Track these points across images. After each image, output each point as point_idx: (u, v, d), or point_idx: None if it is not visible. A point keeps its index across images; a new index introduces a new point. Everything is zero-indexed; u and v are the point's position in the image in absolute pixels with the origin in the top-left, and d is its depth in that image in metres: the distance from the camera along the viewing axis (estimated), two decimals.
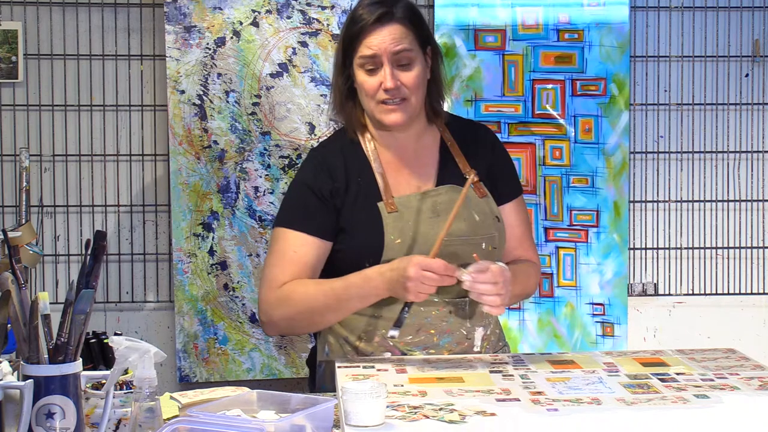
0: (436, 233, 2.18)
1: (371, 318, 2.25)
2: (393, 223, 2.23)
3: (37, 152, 3.52)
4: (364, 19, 2.22)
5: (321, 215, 2.26)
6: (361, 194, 2.26)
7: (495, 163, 2.38)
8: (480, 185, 2.31)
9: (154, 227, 3.59)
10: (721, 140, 3.75)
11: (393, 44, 2.20)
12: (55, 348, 1.62)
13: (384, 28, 2.20)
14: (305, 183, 2.29)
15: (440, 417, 1.74)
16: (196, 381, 3.51)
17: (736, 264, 3.77)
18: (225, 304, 3.52)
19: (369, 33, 2.21)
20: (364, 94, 2.25)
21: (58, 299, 3.41)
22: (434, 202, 2.26)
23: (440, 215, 2.24)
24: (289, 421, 1.63)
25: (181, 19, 3.45)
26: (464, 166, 2.32)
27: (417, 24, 2.26)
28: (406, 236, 2.22)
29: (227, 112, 3.49)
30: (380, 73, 2.21)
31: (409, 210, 2.25)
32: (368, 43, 2.21)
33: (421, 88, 2.27)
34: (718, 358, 2.18)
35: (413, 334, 2.24)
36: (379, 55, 2.20)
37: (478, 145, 2.37)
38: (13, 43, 3.47)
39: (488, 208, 2.30)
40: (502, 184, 2.38)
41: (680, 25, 3.71)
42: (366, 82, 2.23)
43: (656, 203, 3.74)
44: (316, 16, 3.51)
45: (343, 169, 2.28)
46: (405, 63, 2.22)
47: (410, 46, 2.22)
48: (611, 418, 1.76)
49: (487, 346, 2.32)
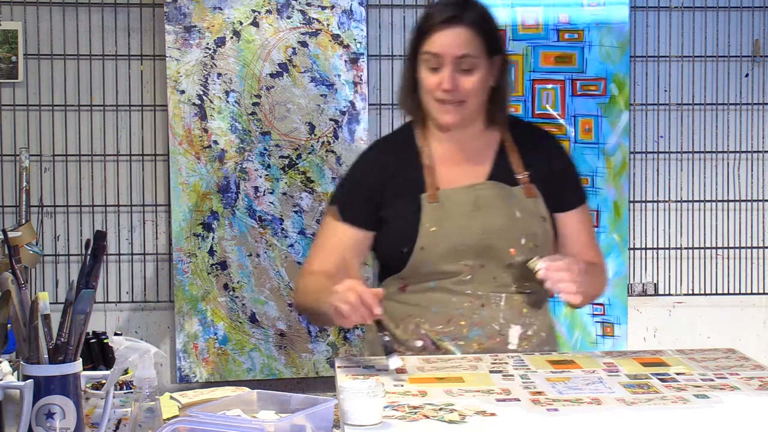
0: (472, 226, 2.24)
1: (406, 305, 2.31)
2: (431, 212, 2.27)
3: (37, 152, 3.52)
4: (435, 16, 2.25)
5: (362, 207, 2.32)
6: (407, 186, 2.31)
7: (559, 170, 2.38)
8: (531, 186, 2.32)
9: (154, 227, 3.60)
10: (721, 140, 3.75)
11: (457, 48, 2.22)
12: (55, 348, 1.62)
13: (452, 30, 2.23)
14: (353, 175, 2.39)
15: (440, 417, 1.74)
16: (196, 381, 3.51)
17: (736, 264, 3.77)
18: (225, 304, 3.52)
19: (436, 31, 2.23)
20: (424, 89, 2.29)
21: (58, 299, 3.41)
22: (477, 195, 2.30)
23: (481, 209, 2.27)
24: (289, 421, 1.63)
25: (181, 19, 3.45)
26: (518, 167, 2.34)
27: (487, 31, 2.27)
28: (442, 225, 2.26)
29: (227, 112, 3.49)
30: (441, 72, 2.24)
31: (450, 201, 2.29)
32: (434, 41, 2.24)
33: (480, 94, 2.29)
34: (718, 358, 2.17)
35: (444, 324, 2.28)
36: (441, 55, 2.23)
37: (540, 150, 2.38)
38: (13, 43, 3.47)
39: (534, 208, 2.31)
40: (566, 192, 2.39)
41: (680, 25, 3.71)
42: (426, 79, 2.27)
43: (656, 203, 3.74)
44: (316, 16, 3.51)
45: (393, 164, 2.34)
46: (467, 68, 2.24)
47: (474, 53, 2.24)
48: (611, 418, 1.75)
49: (527, 346, 2.32)
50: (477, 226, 2.26)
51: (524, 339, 2.31)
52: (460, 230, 2.26)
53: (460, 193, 2.30)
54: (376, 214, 2.32)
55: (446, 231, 2.26)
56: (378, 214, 2.32)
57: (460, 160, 2.35)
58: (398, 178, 2.32)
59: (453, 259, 2.26)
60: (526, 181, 2.32)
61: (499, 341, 2.29)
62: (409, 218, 2.28)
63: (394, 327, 2.32)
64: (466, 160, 2.35)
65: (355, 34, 3.52)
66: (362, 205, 2.33)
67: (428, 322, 2.29)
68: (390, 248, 2.32)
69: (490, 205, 2.28)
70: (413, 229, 2.27)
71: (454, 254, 2.26)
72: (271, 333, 3.53)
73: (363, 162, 2.41)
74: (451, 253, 2.26)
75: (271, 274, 3.52)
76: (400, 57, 3.62)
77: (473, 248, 2.25)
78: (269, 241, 3.52)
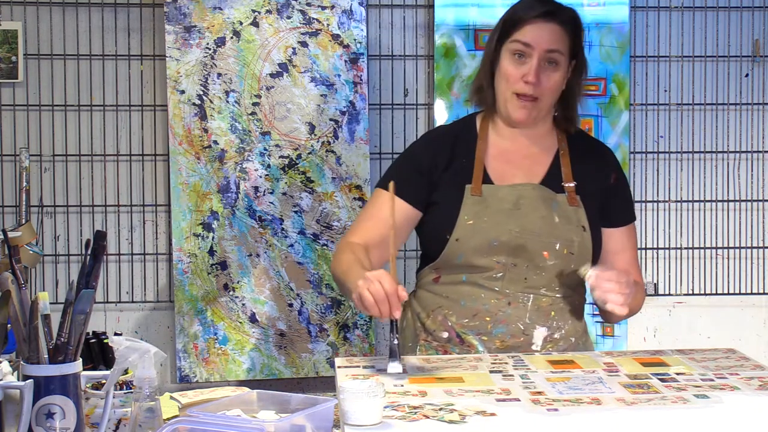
0: (509, 223, 2.27)
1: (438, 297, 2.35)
2: (471, 205, 2.30)
3: (37, 152, 3.52)
4: (531, 9, 2.29)
5: (415, 184, 2.35)
6: (459, 175, 2.34)
7: (612, 188, 2.42)
8: (575, 197, 2.35)
9: (154, 227, 3.60)
10: (721, 140, 3.75)
11: (549, 42, 2.27)
12: (55, 348, 1.62)
13: (546, 25, 2.28)
14: (412, 152, 2.44)
15: (440, 417, 1.74)
16: (196, 381, 3.51)
17: (736, 264, 3.77)
18: (225, 304, 3.52)
19: (530, 23, 2.28)
20: (504, 79, 2.32)
21: (58, 299, 3.41)
22: (519, 195, 2.32)
23: (521, 209, 2.30)
24: (289, 421, 1.63)
25: (181, 19, 3.45)
26: (567, 176, 2.37)
27: (576, 34, 2.33)
28: (479, 219, 2.29)
29: (227, 112, 3.49)
30: (527, 64, 2.27)
31: (492, 197, 2.31)
32: (526, 31, 2.28)
33: (555, 93, 2.34)
34: (718, 358, 2.18)
35: (470, 318, 2.31)
36: (533, 46, 2.27)
37: (594, 164, 2.42)
38: (13, 43, 3.47)
39: (575, 216, 2.33)
40: (617, 210, 2.43)
41: (680, 25, 3.71)
42: (509, 69, 2.30)
43: (656, 203, 3.74)
44: (316, 16, 3.51)
45: (450, 149, 2.37)
46: (553, 62, 2.28)
47: (563, 50, 2.29)
48: (611, 418, 1.76)
49: (551, 348, 2.33)
50: (514, 224, 2.29)
51: (549, 341, 2.32)
52: (496, 226, 2.28)
53: (503, 191, 2.33)
54: (428, 195, 2.35)
55: (482, 225, 2.29)
56: (430, 196, 2.35)
57: (515, 158, 2.38)
58: (452, 165, 2.35)
59: (486, 254, 2.29)
60: (572, 190, 2.34)
61: (522, 341, 2.30)
62: (452, 207, 2.31)
63: (425, 317, 2.37)
64: (521, 160, 2.38)
65: (355, 34, 3.52)
66: (417, 183, 2.35)
67: (456, 314, 2.33)
68: (430, 233, 2.36)
69: (530, 206, 2.30)
70: (452, 219, 2.30)
71: (487, 249, 2.28)
72: (271, 333, 3.53)
73: (422, 143, 2.46)
74: (485, 248, 2.28)
75: (271, 274, 3.52)
76: (400, 57, 3.62)
77: (507, 246, 2.28)
78: (269, 241, 3.52)
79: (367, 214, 2.38)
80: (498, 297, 2.30)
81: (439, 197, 2.35)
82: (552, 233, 2.30)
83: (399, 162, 2.44)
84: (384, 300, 1.97)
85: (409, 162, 2.40)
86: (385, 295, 1.97)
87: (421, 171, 2.36)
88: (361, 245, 2.28)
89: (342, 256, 2.27)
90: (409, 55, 3.64)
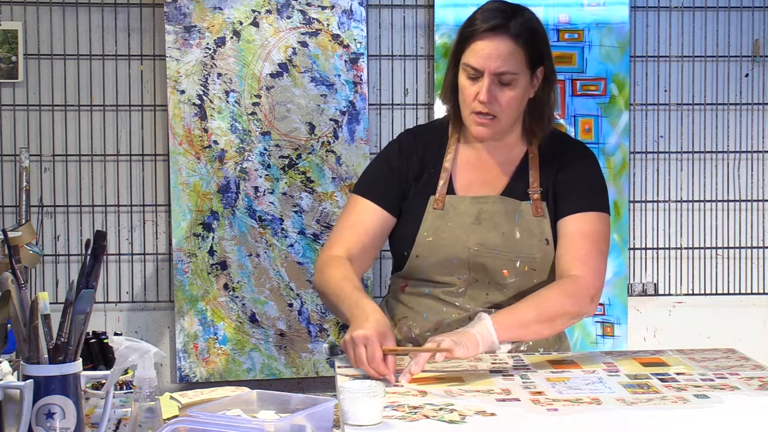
0: (468, 240, 2.23)
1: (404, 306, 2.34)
2: (432, 220, 2.27)
3: (37, 152, 3.52)
4: (478, 24, 2.20)
5: (391, 190, 2.31)
6: (426, 185, 2.31)
7: (568, 174, 2.29)
8: (540, 204, 2.27)
9: (154, 227, 3.60)
10: (721, 140, 3.75)
11: (497, 64, 2.17)
12: (55, 348, 1.62)
13: (494, 40, 2.18)
14: (386, 157, 2.37)
15: (440, 417, 1.74)
16: (196, 381, 3.51)
17: (736, 264, 3.77)
18: (225, 304, 3.52)
19: (478, 39, 2.19)
20: (462, 97, 2.25)
21: (58, 299, 3.41)
22: (480, 209, 2.27)
23: (481, 224, 2.25)
24: (289, 421, 1.63)
25: (181, 19, 3.45)
26: (534, 182, 2.28)
27: (531, 43, 2.20)
28: (438, 236, 2.25)
29: (227, 112, 3.49)
30: (480, 82, 2.19)
31: (454, 211, 2.27)
32: (475, 50, 2.19)
33: (516, 108, 2.24)
34: (718, 358, 2.17)
35: (432, 331, 2.27)
36: (480, 70, 2.18)
37: (558, 159, 2.31)
38: (13, 43, 3.47)
39: (538, 230, 2.26)
40: (568, 199, 2.28)
41: (680, 25, 3.71)
42: (465, 88, 2.23)
43: (656, 203, 3.74)
44: (316, 16, 3.51)
45: (421, 158, 2.33)
46: (506, 82, 2.19)
47: (514, 69, 2.18)
48: (611, 418, 1.75)
49: None
50: (473, 241, 2.24)
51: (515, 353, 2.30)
52: (455, 243, 2.25)
53: (465, 203, 2.28)
54: (400, 201, 2.32)
55: (441, 242, 2.25)
56: (401, 203, 2.32)
57: (482, 168, 2.32)
58: (421, 176, 2.32)
59: (446, 271, 2.27)
60: (537, 198, 2.27)
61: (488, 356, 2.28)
62: (413, 222, 2.28)
63: (392, 325, 2.31)
64: (488, 169, 2.32)
65: (355, 34, 3.52)
66: (390, 187, 2.32)
67: (419, 326, 2.31)
68: (393, 246, 2.35)
69: (491, 221, 2.24)
70: (412, 235, 2.27)
71: (447, 266, 2.26)
72: (271, 333, 3.53)
73: (396, 150, 2.38)
74: (444, 265, 2.26)
75: (271, 274, 3.52)
76: (400, 57, 3.62)
77: (466, 263, 2.24)
78: (269, 241, 3.52)
79: (346, 223, 2.31)
80: (459, 312, 2.27)
81: (405, 207, 2.31)
82: (513, 249, 2.24)
83: (374, 167, 2.39)
84: (368, 366, 1.96)
85: (385, 167, 2.35)
86: (368, 362, 1.96)
87: (395, 178, 2.32)
88: (344, 258, 2.24)
89: (329, 271, 2.22)
90: (409, 55, 3.64)
